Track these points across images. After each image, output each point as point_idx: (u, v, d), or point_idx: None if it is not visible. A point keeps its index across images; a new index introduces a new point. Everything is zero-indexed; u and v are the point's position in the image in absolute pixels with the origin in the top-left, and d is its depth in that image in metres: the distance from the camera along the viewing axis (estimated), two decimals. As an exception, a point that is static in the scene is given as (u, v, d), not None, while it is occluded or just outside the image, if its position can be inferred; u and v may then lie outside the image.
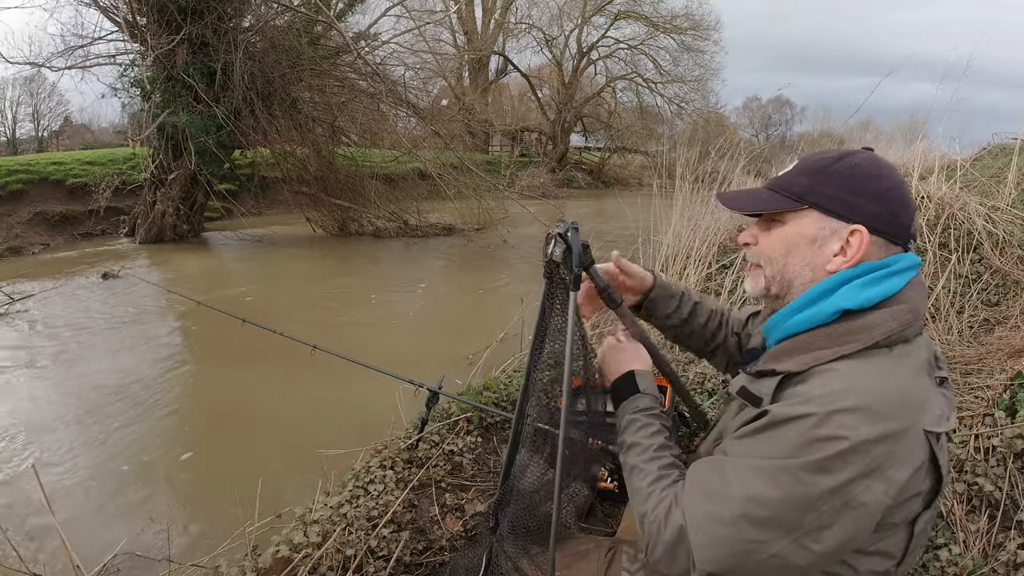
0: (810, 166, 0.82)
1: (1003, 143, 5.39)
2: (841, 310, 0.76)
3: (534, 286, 3.65)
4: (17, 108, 24.90)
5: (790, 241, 0.82)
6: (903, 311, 0.75)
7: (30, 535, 2.16)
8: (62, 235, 8.99)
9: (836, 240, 0.78)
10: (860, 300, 0.75)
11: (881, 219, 0.77)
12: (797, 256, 0.81)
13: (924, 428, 0.70)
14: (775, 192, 0.84)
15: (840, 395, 0.68)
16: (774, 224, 0.84)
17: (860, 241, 0.76)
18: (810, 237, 0.80)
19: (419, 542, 1.57)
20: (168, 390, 3.54)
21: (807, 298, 0.79)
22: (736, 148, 4.69)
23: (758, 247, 0.87)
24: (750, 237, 0.88)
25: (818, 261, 0.80)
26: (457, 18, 22.27)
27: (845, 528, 0.68)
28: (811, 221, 0.80)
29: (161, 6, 7.68)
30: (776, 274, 0.84)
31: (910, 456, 0.68)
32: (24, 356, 4.06)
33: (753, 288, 0.89)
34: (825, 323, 0.77)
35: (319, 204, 9.55)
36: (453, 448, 1.92)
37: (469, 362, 3.31)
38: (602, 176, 22.66)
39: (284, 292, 6.26)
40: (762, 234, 0.86)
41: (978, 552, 1.35)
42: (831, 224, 0.79)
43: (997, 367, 1.90)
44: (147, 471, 2.67)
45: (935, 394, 0.75)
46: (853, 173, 0.78)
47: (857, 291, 0.76)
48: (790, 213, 0.82)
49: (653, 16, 21.51)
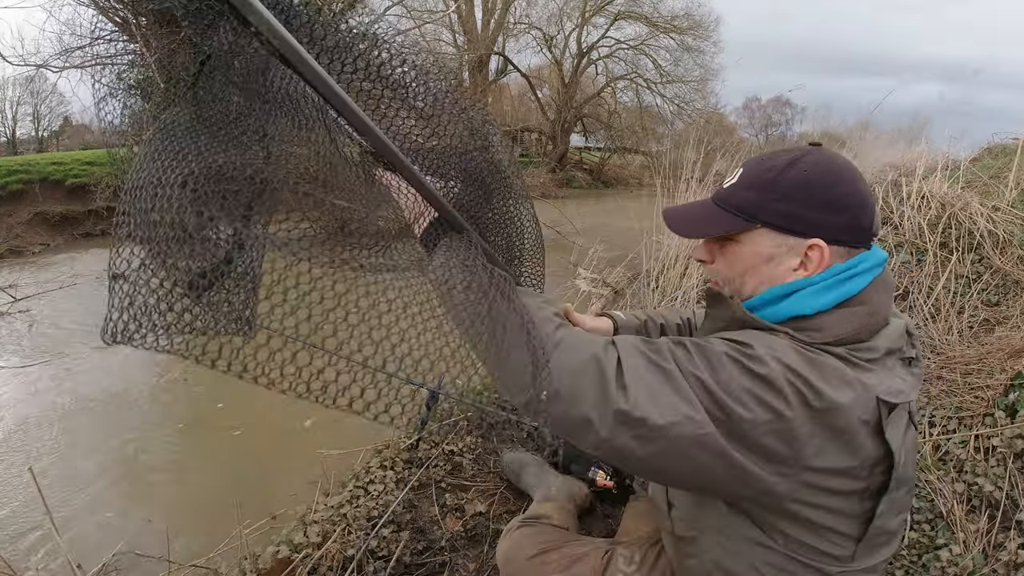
0: (759, 179, 0.76)
1: (1003, 143, 5.40)
2: (792, 316, 0.73)
3: (534, 286, 3.55)
4: (17, 108, 24.92)
5: (746, 261, 0.78)
6: (860, 313, 0.72)
7: (29, 535, 2.16)
8: (62, 235, 8.99)
9: (794, 256, 0.74)
10: (815, 306, 0.72)
11: (840, 229, 0.73)
12: (754, 275, 0.77)
13: (877, 395, 0.69)
14: (723, 209, 0.79)
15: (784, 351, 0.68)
16: (727, 243, 0.80)
17: (820, 256, 0.73)
18: (766, 256, 0.76)
19: (419, 542, 1.57)
20: (167, 390, 3.54)
21: (758, 302, 0.77)
22: (736, 148, 4.69)
23: (714, 266, 0.83)
24: (705, 255, 0.84)
25: (776, 278, 0.76)
26: (457, 18, 22.29)
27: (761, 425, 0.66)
28: (766, 239, 0.76)
29: (161, 6, 7.69)
30: (735, 292, 0.80)
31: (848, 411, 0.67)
32: (25, 355, 4.06)
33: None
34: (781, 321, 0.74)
35: (319, 203, 9.55)
36: (453, 448, 1.92)
37: (469, 362, 3.30)
38: (602, 176, 22.66)
39: (284, 292, 6.26)
40: (716, 252, 0.82)
41: (978, 552, 1.35)
42: (787, 241, 0.74)
43: (997, 367, 1.90)
44: (146, 470, 2.67)
45: (893, 373, 0.73)
46: (805, 182, 0.73)
47: (811, 297, 0.72)
48: (743, 232, 0.77)
49: (653, 16, 21.52)
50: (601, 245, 4.61)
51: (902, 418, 0.74)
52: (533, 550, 1.17)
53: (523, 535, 1.23)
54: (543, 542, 1.18)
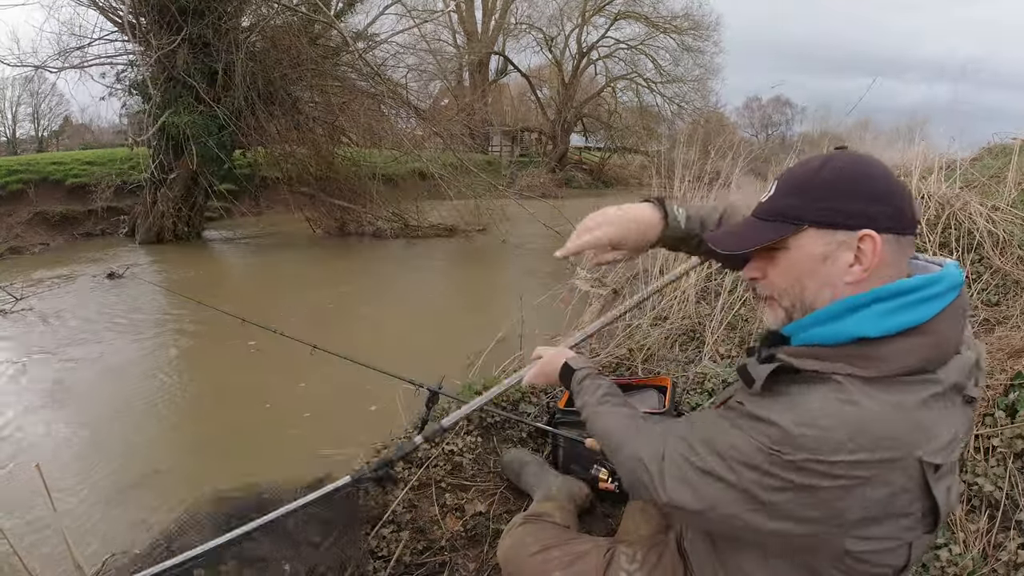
0: (796, 183, 0.78)
1: (1003, 143, 5.39)
2: (857, 337, 0.71)
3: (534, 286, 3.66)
4: (17, 108, 24.91)
5: (800, 266, 0.77)
6: (926, 345, 0.70)
7: (29, 533, 2.16)
8: (62, 235, 8.99)
9: (847, 250, 0.73)
10: (883, 328, 0.69)
11: (886, 217, 0.72)
12: (812, 279, 0.76)
13: (918, 457, 0.67)
14: (768, 220, 0.79)
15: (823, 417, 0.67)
16: (777, 252, 0.79)
17: (873, 246, 0.71)
18: (819, 256, 0.75)
19: (419, 542, 1.57)
20: (168, 389, 3.54)
21: (831, 312, 0.74)
22: (736, 148, 4.69)
23: (767, 280, 0.82)
24: (756, 271, 0.83)
25: (835, 277, 0.74)
26: (457, 18, 22.28)
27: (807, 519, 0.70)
28: (815, 240, 0.75)
29: (161, 6, 7.68)
30: (795, 302, 0.79)
31: (890, 481, 0.67)
32: (27, 355, 4.06)
33: (775, 321, 0.83)
34: (840, 344, 0.72)
35: (319, 204, 9.55)
36: (453, 448, 1.91)
37: (469, 362, 3.30)
38: (602, 176, 22.65)
39: (283, 292, 6.26)
40: (768, 265, 0.81)
41: (978, 552, 1.35)
42: (837, 236, 0.73)
43: (997, 367, 1.90)
44: (146, 469, 2.67)
45: (950, 419, 0.71)
46: (842, 178, 0.74)
47: (881, 318, 0.70)
48: (791, 238, 0.76)
49: (653, 16, 21.52)
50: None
51: (952, 466, 0.73)
52: (535, 547, 1.17)
53: (525, 532, 1.23)
54: (545, 539, 1.18)
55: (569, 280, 4.43)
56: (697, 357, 2.76)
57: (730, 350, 2.77)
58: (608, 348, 2.87)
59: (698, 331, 3.05)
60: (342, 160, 9.81)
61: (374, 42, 10.56)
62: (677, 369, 2.61)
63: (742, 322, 2.93)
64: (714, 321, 2.91)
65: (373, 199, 9.60)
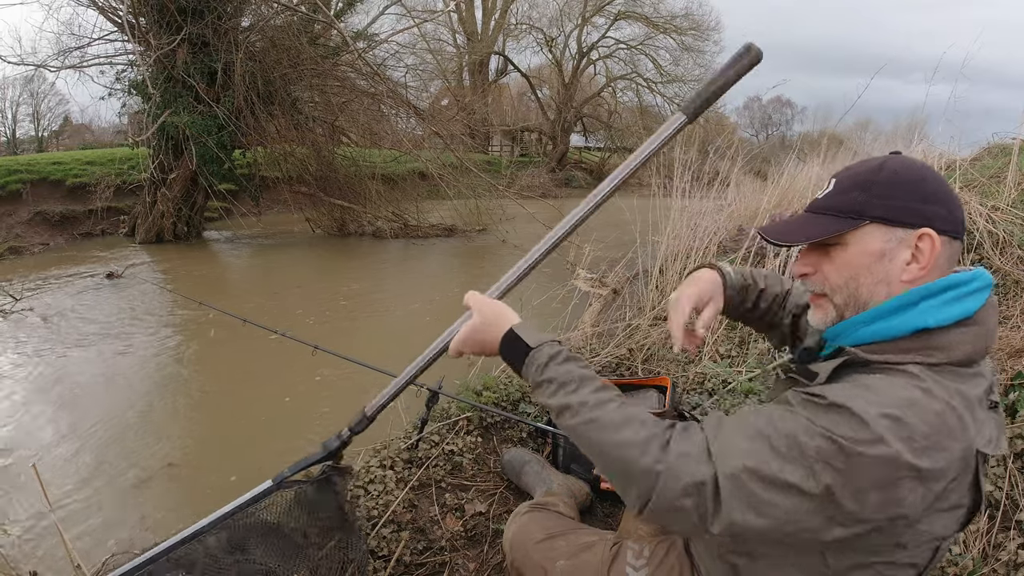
0: (858, 180, 0.77)
1: (1003, 143, 5.39)
2: (919, 329, 0.71)
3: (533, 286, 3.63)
4: (17, 108, 24.91)
5: (858, 262, 0.76)
6: (981, 334, 0.72)
7: (29, 533, 2.16)
8: (62, 235, 8.99)
9: (905, 248, 0.74)
10: (941, 318, 0.71)
11: (942, 218, 0.73)
12: (869, 275, 0.76)
13: (977, 448, 0.68)
14: (825, 215, 0.78)
15: (904, 407, 0.65)
16: (833, 248, 0.78)
17: (931, 245, 0.72)
18: (878, 252, 0.75)
19: (419, 542, 1.57)
20: (168, 390, 3.54)
21: (884, 309, 0.74)
22: (734, 148, 4.69)
23: (819, 276, 0.81)
24: (808, 267, 0.82)
25: (892, 274, 0.75)
26: (457, 19, 22.28)
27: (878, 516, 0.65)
28: (875, 236, 0.75)
29: (161, 6, 7.68)
30: (849, 299, 0.78)
31: (953, 470, 0.67)
32: (26, 356, 4.06)
33: (822, 320, 0.82)
34: (899, 337, 0.73)
35: (319, 204, 9.55)
36: (453, 448, 1.91)
37: (469, 362, 3.31)
38: (602, 176, 22.55)
39: (283, 292, 6.26)
40: (823, 261, 0.80)
41: (978, 552, 1.35)
42: (896, 234, 0.74)
43: (997, 367, 1.90)
44: (145, 470, 2.67)
45: (988, 418, 0.73)
46: (901, 179, 0.75)
47: (939, 309, 0.71)
48: (850, 233, 0.76)
49: (653, 16, 21.53)
50: (598, 245, 4.61)
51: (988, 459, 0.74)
52: (541, 535, 1.16)
53: (532, 519, 1.23)
54: (551, 527, 1.18)
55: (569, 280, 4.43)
56: (697, 357, 2.77)
57: (730, 350, 2.77)
58: (608, 348, 2.87)
59: (698, 331, 3.05)
60: (342, 160, 9.81)
61: (374, 42, 10.57)
62: (677, 369, 2.61)
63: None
64: (714, 321, 2.91)
65: (373, 199, 9.60)
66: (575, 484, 1.63)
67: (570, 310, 3.66)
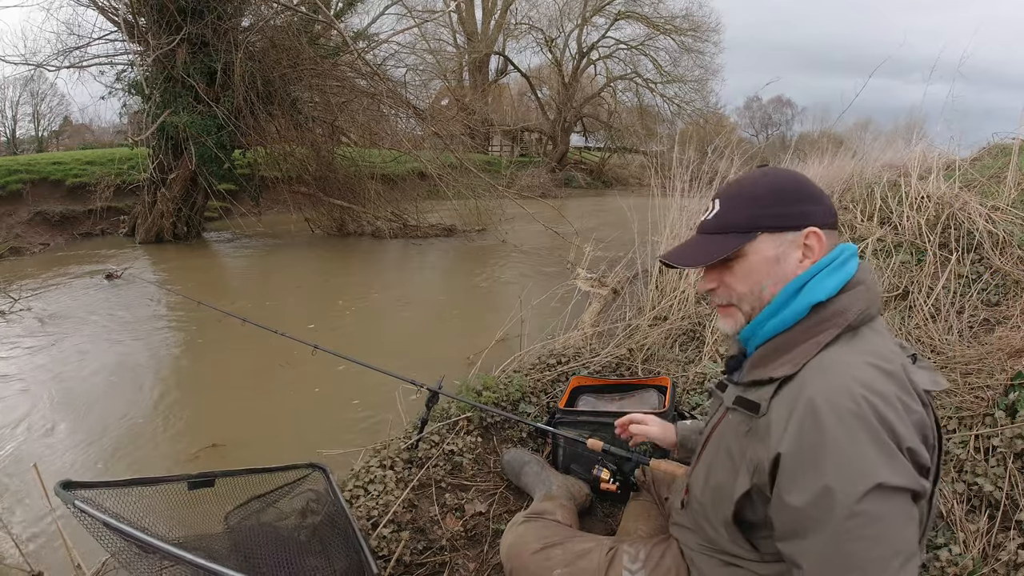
0: (743, 197, 0.87)
1: (1003, 143, 5.39)
2: (812, 304, 0.81)
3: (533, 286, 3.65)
4: (17, 108, 24.90)
5: (758, 270, 0.86)
6: (863, 291, 0.81)
7: (29, 533, 2.15)
8: (62, 235, 8.98)
9: (796, 248, 0.84)
10: (828, 290, 0.81)
11: (824, 214, 0.84)
12: (769, 279, 0.85)
13: (921, 388, 0.76)
14: (719, 234, 0.88)
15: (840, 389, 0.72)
16: (733, 262, 0.87)
17: (818, 240, 0.83)
18: (773, 258, 0.85)
19: (419, 542, 1.57)
20: (168, 390, 3.54)
21: (778, 302, 0.84)
22: (733, 148, 4.70)
23: (723, 289, 0.90)
24: (712, 283, 0.91)
25: (788, 273, 0.84)
26: (457, 18, 22.28)
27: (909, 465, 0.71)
28: (769, 243, 0.85)
29: (161, 6, 7.67)
30: (756, 303, 0.87)
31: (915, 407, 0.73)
32: (26, 356, 4.06)
33: (733, 327, 0.91)
34: (800, 320, 0.82)
35: (318, 204, 9.54)
36: (453, 448, 1.91)
37: (469, 362, 3.31)
38: (602, 176, 22.65)
39: (284, 292, 6.26)
40: (723, 275, 0.89)
41: (978, 552, 1.35)
42: (787, 238, 0.84)
43: (997, 367, 1.90)
44: (145, 470, 2.67)
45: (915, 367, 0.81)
46: (780, 188, 0.85)
47: (823, 281, 0.81)
48: (746, 246, 0.86)
49: (653, 16, 21.52)
50: (598, 245, 4.62)
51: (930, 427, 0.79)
52: (537, 544, 1.17)
53: (527, 529, 1.23)
54: (547, 537, 1.18)
55: (569, 280, 4.43)
56: (697, 357, 2.77)
57: (729, 349, 2.77)
58: (608, 348, 2.87)
59: (698, 331, 3.05)
60: (341, 160, 9.80)
61: (374, 42, 10.56)
62: (677, 369, 2.61)
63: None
64: (714, 321, 2.91)
65: (372, 199, 9.60)
66: (575, 485, 1.63)
67: (570, 309, 3.66)
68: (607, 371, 2.61)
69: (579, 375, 2.31)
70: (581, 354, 2.76)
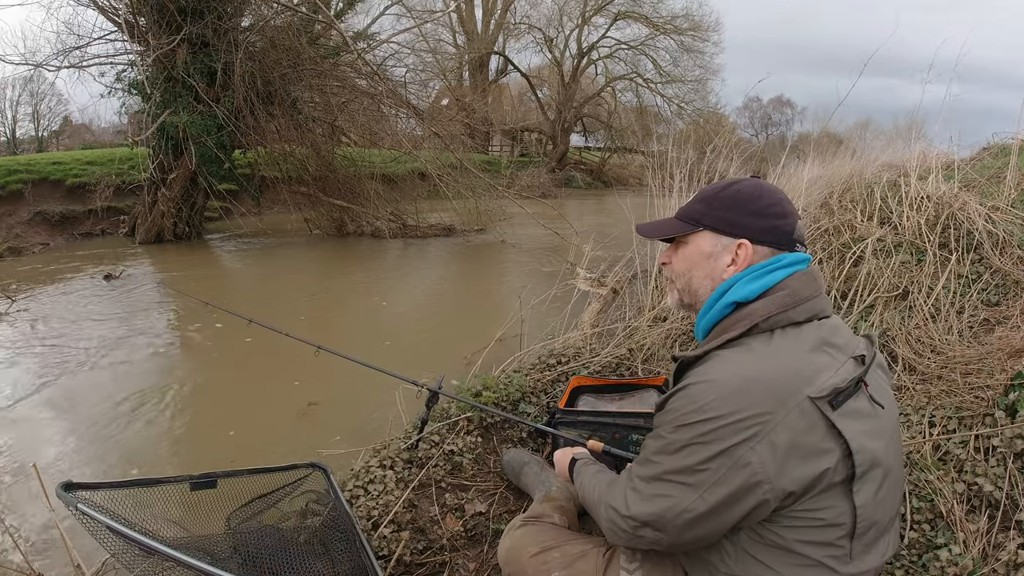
0: (706, 195, 0.99)
1: (1003, 143, 5.39)
2: (732, 303, 0.91)
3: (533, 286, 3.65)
4: (17, 108, 24.90)
5: (692, 258, 0.98)
6: (781, 296, 0.88)
7: (29, 533, 2.15)
8: (62, 235, 8.98)
9: (727, 253, 0.94)
10: (745, 292, 0.90)
11: (762, 231, 0.93)
12: (699, 270, 0.97)
13: (809, 396, 0.79)
14: (679, 220, 1.00)
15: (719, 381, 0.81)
16: (680, 245, 1.01)
17: (745, 252, 0.93)
18: (707, 253, 0.96)
19: (419, 542, 1.57)
20: (169, 390, 3.54)
21: (709, 302, 0.95)
22: (730, 147, 4.70)
23: (671, 265, 1.03)
24: (665, 257, 1.05)
25: (716, 272, 0.95)
26: (457, 18, 22.27)
27: (735, 482, 0.78)
28: (706, 240, 0.96)
29: (161, 6, 7.66)
30: (685, 287, 1.00)
31: (790, 424, 0.78)
32: (25, 356, 4.05)
33: (671, 302, 1.05)
34: (724, 318, 0.92)
35: (318, 204, 9.54)
36: (453, 448, 1.91)
37: (468, 362, 3.31)
38: (602, 176, 22.65)
39: (284, 292, 6.26)
40: (673, 254, 1.03)
41: (978, 552, 1.35)
42: (722, 241, 0.95)
43: (997, 367, 1.89)
44: (145, 470, 2.67)
45: (832, 365, 0.84)
46: (738, 197, 0.95)
47: (742, 286, 0.91)
48: (691, 235, 0.98)
49: (653, 16, 21.53)
50: (597, 245, 4.61)
51: (859, 401, 0.84)
52: (535, 548, 1.17)
53: (525, 533, 1.24)
54: (544, 540, 1.19)
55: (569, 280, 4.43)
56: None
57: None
58: (608, 348, 2.87)
59: (698, 331, 3.04)
60: (341, 160, 9.80)
61: (374, 42, 10.56)
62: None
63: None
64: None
65: (372, 199, 9.60)
66: (575, 485, 1.63)
67: (569, 309, 3.66)
68: (607, 371, 2.61)
69: (579, 375, 2.31)
70: (581, 354, 2.76)
